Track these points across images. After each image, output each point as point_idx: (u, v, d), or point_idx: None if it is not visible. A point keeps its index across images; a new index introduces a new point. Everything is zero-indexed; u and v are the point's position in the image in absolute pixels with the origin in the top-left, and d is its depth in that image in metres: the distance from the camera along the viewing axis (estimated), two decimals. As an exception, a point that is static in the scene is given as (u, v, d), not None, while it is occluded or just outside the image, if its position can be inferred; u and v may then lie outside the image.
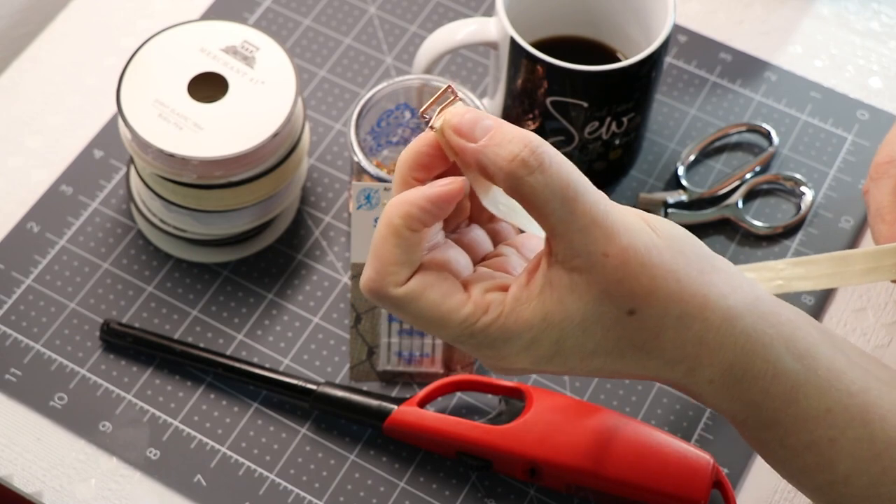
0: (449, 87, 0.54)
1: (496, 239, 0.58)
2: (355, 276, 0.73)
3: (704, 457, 0.70)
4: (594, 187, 0.53)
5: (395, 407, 0.72)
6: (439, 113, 0.53)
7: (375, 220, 0.73)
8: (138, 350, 0.75)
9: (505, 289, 0.54)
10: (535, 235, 0.56)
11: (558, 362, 0.54)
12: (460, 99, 0.54)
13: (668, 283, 0.53)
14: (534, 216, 0.52)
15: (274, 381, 0.73)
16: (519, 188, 0.52)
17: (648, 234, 0.53)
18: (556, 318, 0.53)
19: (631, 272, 0.52)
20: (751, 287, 0.56)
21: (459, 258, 0.56)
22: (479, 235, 0.58)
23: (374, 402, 0.72)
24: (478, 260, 0.57)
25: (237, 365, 0.74)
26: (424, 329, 0.55)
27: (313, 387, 0.73)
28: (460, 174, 0.54)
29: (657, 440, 0.70)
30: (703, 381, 0.55)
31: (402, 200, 0.53)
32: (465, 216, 0.58)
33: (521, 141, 0.51)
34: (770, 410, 0.55)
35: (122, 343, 0.75)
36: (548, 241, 0.53)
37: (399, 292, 0.53)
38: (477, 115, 0.53)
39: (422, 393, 0.72)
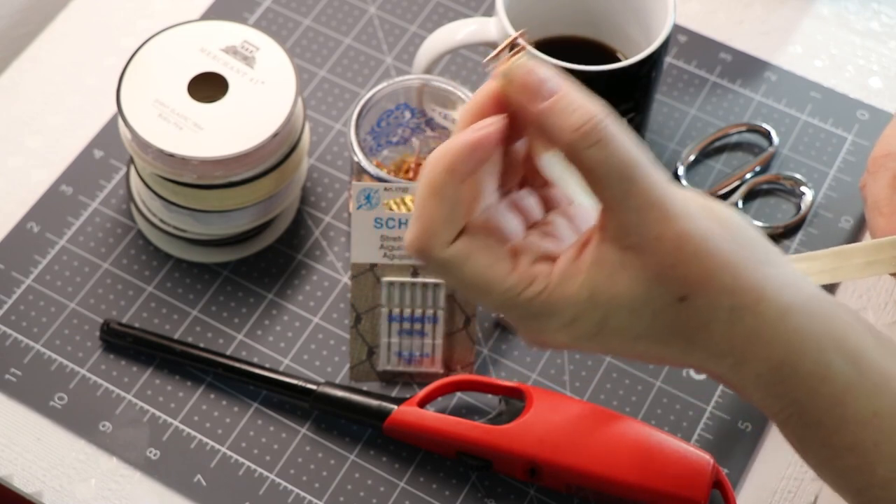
0: (521, 33, 0.52)
1: (548, 206, 0.56)
2: (355, 276, 0.73)
3: (704, 457, 0.70)
4: (656, 168, 0.51)
5: (395, 407, 0.72)
6: (503, 63, 0.51)
7: (375, 220, 0.73)
8: (138, 350, 0.75)
9: (553, 260, 0.52)
10: (588, 208, 0.54)
11: (599, 341, 0.53)
12: (527, 52, 0.51)
13: (723, 274, 0.51)
14: (590, 188, 0.51)
15: (274, 381, 0.73)
16: (577, 159, 0.50)
17: (707, 222, 0.52)
18: (603, 297, 0.51)
19: (684, 258, 0.51)
20: (806, 283, 0.54)
21: (510, 222, 0.54)
22: (531, 201, 0.56)
23: (374, 402, 0.72)
24: (528, 226, 0.55)
25: (237, 365, 0.74)
26: (466, 294, 0.53)
27: (313, 387, 0.73)
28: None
29: (657, 440, 0.70)
30: (749, 377, 0.53)
31: (441, 152, 0.51)
32: (518, 175, 0.55)
33: (585, 113, 0.50)
34: (815, 411, 0.54)
35: (122, 343, 0.75)
36: (602, 215, 0.51)
37: (445, 254, 0.52)
38: (543, 76, 0.51)
39: (422, 393, 0.72)
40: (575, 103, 0.50)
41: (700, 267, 0.51)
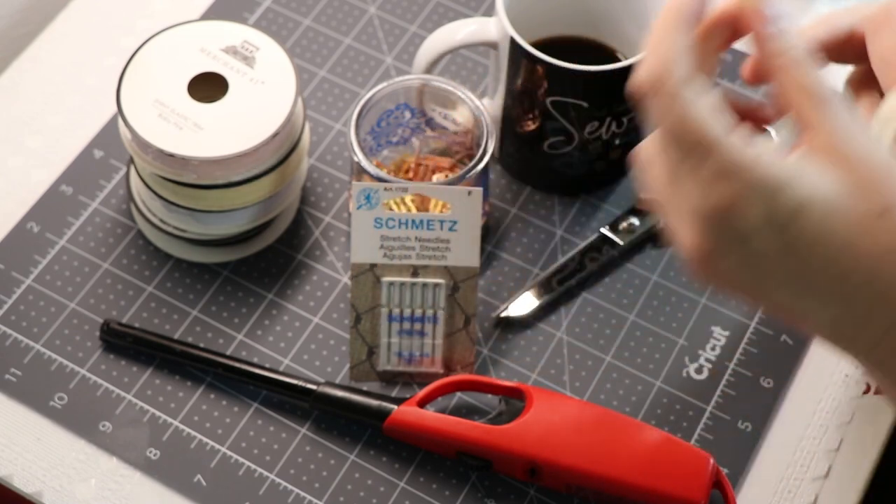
0: None
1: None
2: (355, 276, 0.73)
3: (704, 457, 0.70)
4: None
5: (395, 407, 0.72)
6: None
7: (375, 220, 0.73)
8: (138, 350, 0.75)
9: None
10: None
11: (776, 243, 0.51)
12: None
13: None
14: (808, 104, 0.53)
15: (274, 381, 0.73)
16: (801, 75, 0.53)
17: None
18: (807, 183, 0.51)
19: (891, 175, 0.51)
20: None
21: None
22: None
23: (373, 402, 0.72)
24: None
25: (237, 365, 0.74)
26: (682, 139, 0.52)
27: (313, 387, 0.73)
28: None
29: (657, 440, 0.70)
30: None
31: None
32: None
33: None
34: None
35: (122, 343, 0.75)
36: (810, 132, 0.52)
37: (683, 84, 0.51)
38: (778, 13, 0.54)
39: (422, 393, 0.72)
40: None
41: None
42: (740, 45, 0.88)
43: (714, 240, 0.53)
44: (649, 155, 0.56)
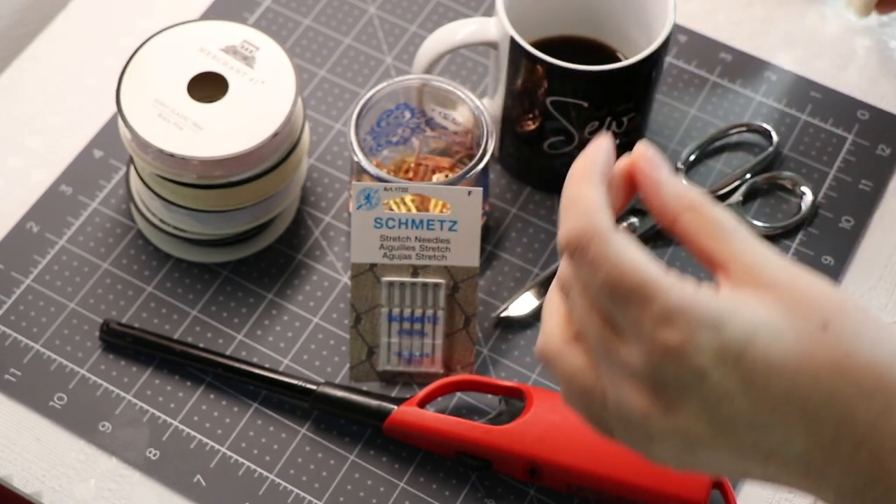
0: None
1: None
2: (355, 276, 0.73)
3: None
4: None
5: (395, 407, 0.71)
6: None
7: (375, 220, 0.73)
8: (138, 350, 0.75)
9: None
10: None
11: (737, 379, 0.50)
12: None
13: (857, 308, 0.51)
14: (713, 243, 0.52)
15: (274, 381, 0.73)
16: (699, 217, 0.53)
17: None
18: (747, 313, 0.50)
19: (821, 291, 0.51)
20: None
21: None
22: None
23: (373, 402, 0.72)
24: None
25: (237, 365, 0.74)
26: (618, 297, 0.50)
27: (313, 387, 0.73)
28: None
29: None
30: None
31: (586, 155, 0.53)
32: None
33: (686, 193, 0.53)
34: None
35: (122, 343, 0.75)
36: (721, 269, 0.52)
37: (612, 235, 0.50)
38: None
39: (422, 393, 0.72)
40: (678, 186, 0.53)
41: (837, 298, 0.50)
42: (740, 44, 0.88)
43: (670, 387, 0.51)
44: (559, 346, 0.54)
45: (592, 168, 0.53)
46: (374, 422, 0.72)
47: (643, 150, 0.54)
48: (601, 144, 0.54)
